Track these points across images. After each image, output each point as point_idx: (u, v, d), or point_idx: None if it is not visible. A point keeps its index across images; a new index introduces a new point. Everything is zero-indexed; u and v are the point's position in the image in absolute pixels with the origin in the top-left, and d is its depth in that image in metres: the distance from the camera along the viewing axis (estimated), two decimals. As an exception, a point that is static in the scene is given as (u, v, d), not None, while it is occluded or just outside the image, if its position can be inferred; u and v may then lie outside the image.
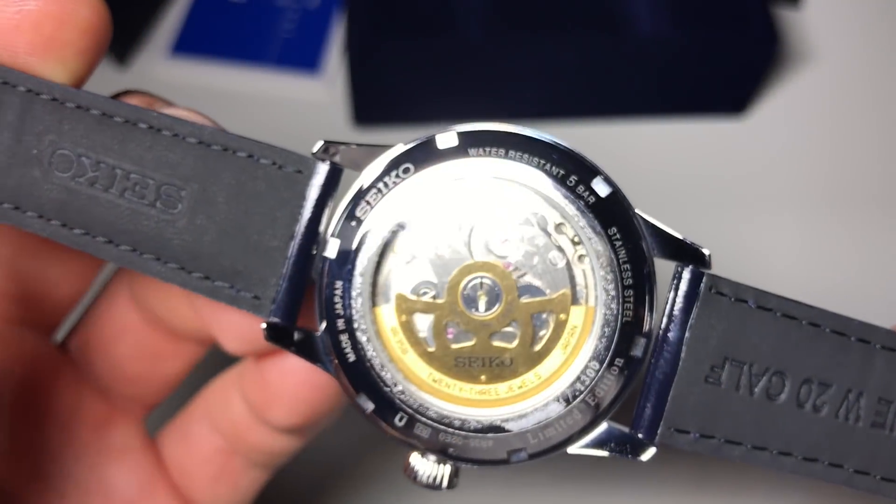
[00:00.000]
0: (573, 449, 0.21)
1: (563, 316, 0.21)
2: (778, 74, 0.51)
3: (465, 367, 0.21)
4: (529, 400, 0.21)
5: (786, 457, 0.21)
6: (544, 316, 0.21)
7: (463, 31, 0.45)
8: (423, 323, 0.21)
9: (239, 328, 0.24)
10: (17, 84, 0.21)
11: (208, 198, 0.21)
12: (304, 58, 0.51)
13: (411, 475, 0.21)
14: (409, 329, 0.21)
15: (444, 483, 0.21)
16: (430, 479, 0.21)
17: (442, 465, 0.21)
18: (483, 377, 0.21)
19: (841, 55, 0.52)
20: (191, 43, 0.52)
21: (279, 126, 0.49)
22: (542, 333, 0.21)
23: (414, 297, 0.21)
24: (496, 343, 0.21)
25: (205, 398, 0.28)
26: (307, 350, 0.21)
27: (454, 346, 0.21)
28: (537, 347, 0.21)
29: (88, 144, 0.21)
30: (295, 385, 0.24)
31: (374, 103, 0.48)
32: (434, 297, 0.21)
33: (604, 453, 0.21)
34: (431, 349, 0.21)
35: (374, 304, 0.21)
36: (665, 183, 0.47)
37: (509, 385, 0.21)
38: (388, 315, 0.21)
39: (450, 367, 0.21)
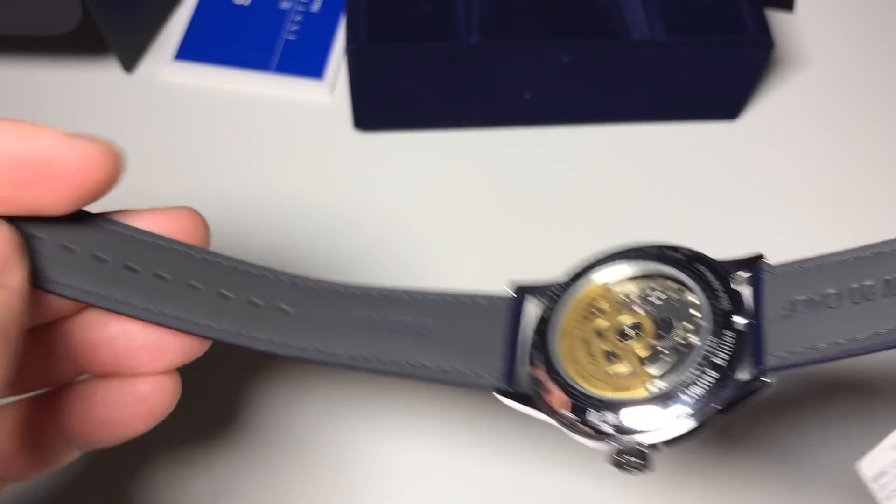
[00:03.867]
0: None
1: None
2: (772, 79, 0.52)
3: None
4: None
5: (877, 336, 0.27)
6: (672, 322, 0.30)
7: (462, 37, 0.46)
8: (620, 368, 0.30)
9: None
10: None
11: (452, 325, 0.32)
12: (307, 61, 0.52)
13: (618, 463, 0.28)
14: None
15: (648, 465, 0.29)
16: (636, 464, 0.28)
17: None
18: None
19: (836, 60, 0.53)
20: (194, 46, 0.52)
21: (283, 129, 0.50)
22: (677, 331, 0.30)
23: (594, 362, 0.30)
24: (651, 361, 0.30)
25: None
26: (530, 403, 0.31)
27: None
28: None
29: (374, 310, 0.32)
30: (138, 408, 0.27)
31: (374, 108, 0.49)
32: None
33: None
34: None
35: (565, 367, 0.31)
36: (661, 185, 0.48)
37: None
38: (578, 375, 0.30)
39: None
